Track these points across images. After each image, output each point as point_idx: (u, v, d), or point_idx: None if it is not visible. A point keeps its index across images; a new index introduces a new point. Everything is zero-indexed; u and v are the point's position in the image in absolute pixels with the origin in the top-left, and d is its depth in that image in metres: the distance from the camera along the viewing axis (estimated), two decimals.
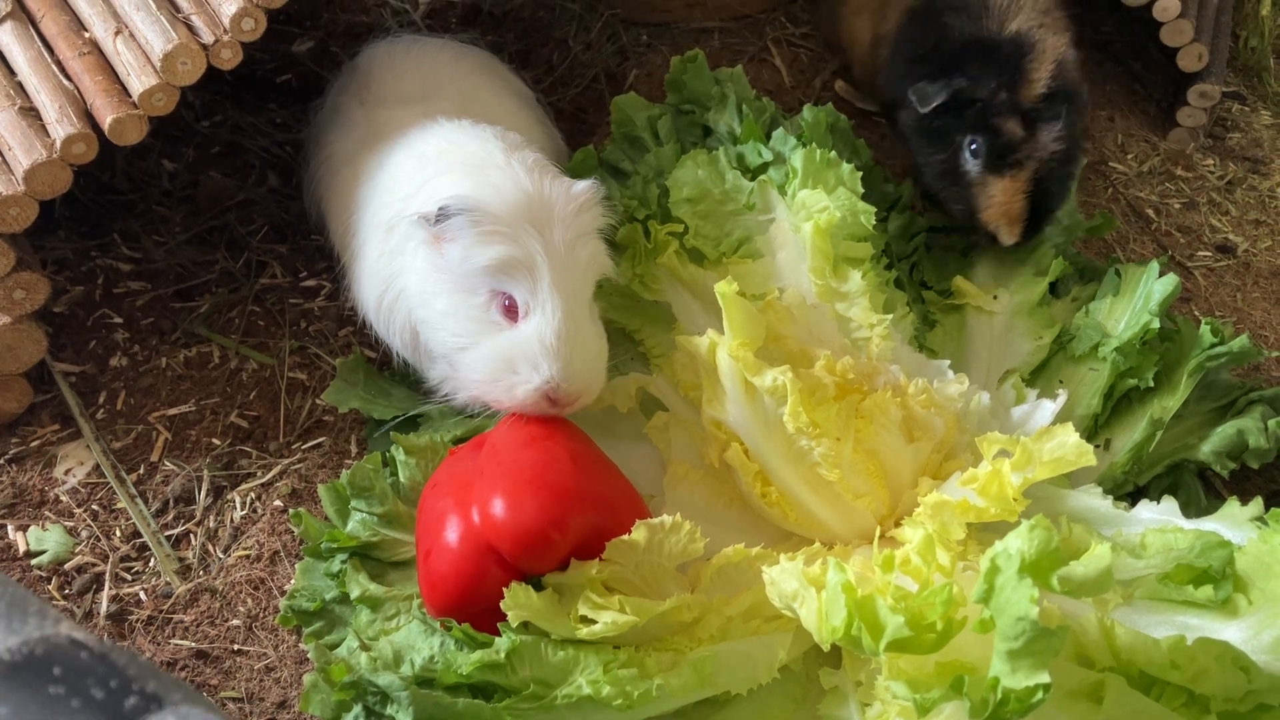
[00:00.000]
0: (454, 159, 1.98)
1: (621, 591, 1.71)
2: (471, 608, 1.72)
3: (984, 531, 1.86)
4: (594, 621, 1.65)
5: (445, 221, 1.83)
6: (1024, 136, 2.26)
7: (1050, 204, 2.31)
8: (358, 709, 1.63)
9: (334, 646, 1.88)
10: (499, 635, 1.66)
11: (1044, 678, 1.31)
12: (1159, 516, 1.86)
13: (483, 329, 1.86)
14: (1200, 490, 2.12)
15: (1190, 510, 1.95)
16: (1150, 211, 2.73)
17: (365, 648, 1.79)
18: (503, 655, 1.62)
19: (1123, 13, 3.12)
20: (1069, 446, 1.71)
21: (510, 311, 1.86)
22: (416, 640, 1.72)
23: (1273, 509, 1.76)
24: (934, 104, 2.27)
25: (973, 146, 2.28)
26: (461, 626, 1.68)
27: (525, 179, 1.90)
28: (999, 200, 2.28)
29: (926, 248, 2.45)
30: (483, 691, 1.63)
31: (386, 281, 1.99)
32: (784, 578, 1.63)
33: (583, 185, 1.95)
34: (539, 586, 1.71)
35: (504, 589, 1.67)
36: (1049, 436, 1.73)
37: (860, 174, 2.21)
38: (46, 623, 0.82)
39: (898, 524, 1.89)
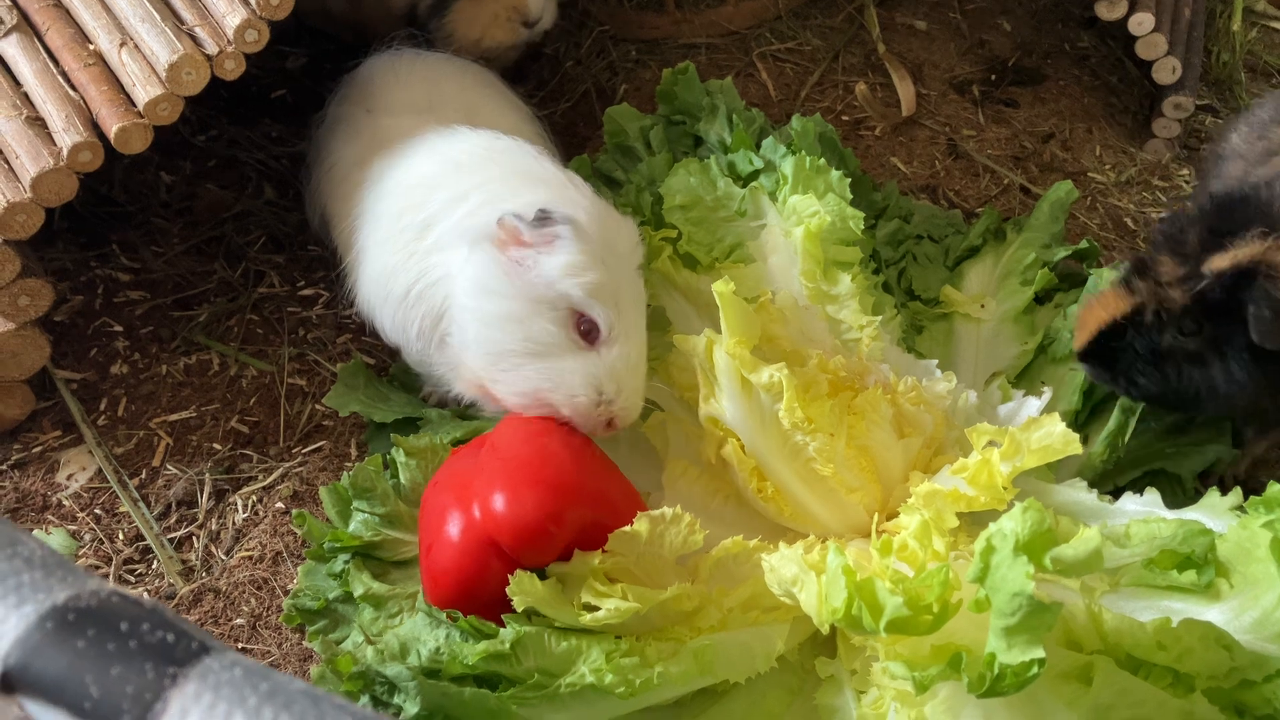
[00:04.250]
0: (506, 168, 2.02)
1: (623, 582, 1.75)
2: (473, 600, 1.76)
3: (973, 525, 1.91)
4: (597, 609, 1.68)
5: (544, 228, 1.84)
6: None
7: None
8: (365, 699, 1.66)
9: (338, 643, 1.92)
10: (501, 626, 1.70)
11: (1039, 653, 1.36)
12: (1142, 508, 1.91)
13: (560, 344, 1.86)
14: (1179, 490, 2.19)
15: (1171, 505, 2.01)
16: (1128, 220, 2.80)
17: (370, 642, 1.83)
18: (507, 645, 1.66)
19: (1100, 27, 3.22)
20: (1056, 435, 1.76)
21: (588, 335, 1.88)
22: (422, 632, 1.75)
23: (1252, 498, 1.81)
24: None
25: None
26: (468, 618, 1.71)
27: (598, 202, 1.96)
28: None
29: (913, 257, 2.51)
30: (488, 681, 1.66)
31: (419, 274, 1.99)
32: (783, 564, 1.67)
33: (631, 220, 2.02)
34: (543, 578, 1.74)
35: (504, 581, 1.71)
36: (1036, 426, 1.78)
37: (848, 181, 2.27)
38: (93, 579, 0.85)
39: (889, 518, 1.94)
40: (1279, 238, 1.88)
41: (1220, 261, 1.88)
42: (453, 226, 1.97)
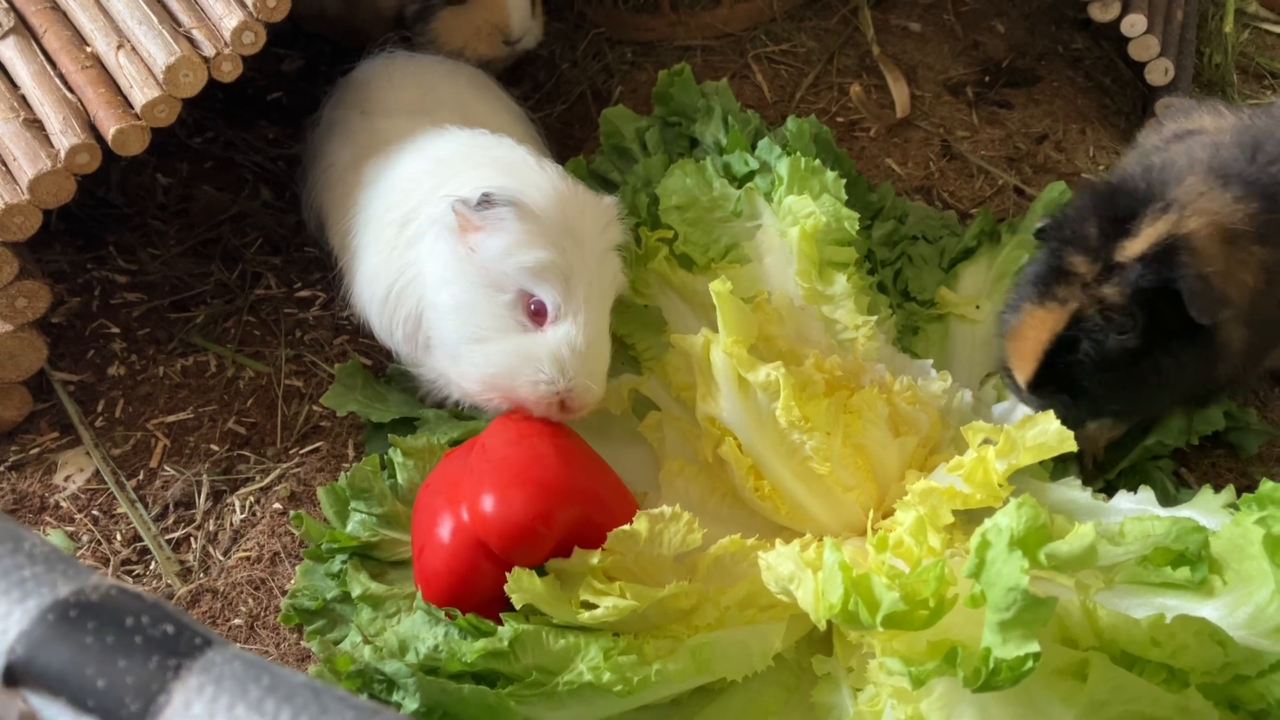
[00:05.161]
0: (481, 158, 2.02)
1: (621, 580, 1.76)
2: (465, 601, 1.77)
3: (969, 523, 1.91)
4: (595, 606, 1.69)
5: (487, 210, 1.84)
6: None
7: None
8: (363, 698, 1.66)
9: (336, 643, 1.92)
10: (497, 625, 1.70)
11: (1034, 647, 1.37)
12: (1136, 506, 1.92)
13: (505, 326, 1.87)
14: (1171, 486, 2.20)
15: (1164, 503, 2.02)
16: None
17: (368, 642, 1.83)
18: (506, 643, 1.66)
19: (1093, 29, 3.23)
20: (1051, 433, 1.77)
21: (537, 315, 1.87)
22: (421, 630, 1.75)
23: (1245, 495, 1.82)
24: None
25: None
26: (466, 616, 1.72)
27: (562, 184, 1.93)
28: None
29: (908, 258, 2.52)
30: (486, 679, 1.67)
31: (398, 272, 2.01)
32: (780, 561, 1.68)
33: (609, 199, 2.00)
34: (541, 575, 1.75)
35: (495, 581, 1.73)
36: (1031, 424, 1.79)
37: (843, 182, 2.28)
38: (95, 574, 0.86)
39: (885, 516, 1.95)
40: (1179, 209, 1.81)
41: (1135, 246, 1.81)
42: (425, 218, 1.98)
